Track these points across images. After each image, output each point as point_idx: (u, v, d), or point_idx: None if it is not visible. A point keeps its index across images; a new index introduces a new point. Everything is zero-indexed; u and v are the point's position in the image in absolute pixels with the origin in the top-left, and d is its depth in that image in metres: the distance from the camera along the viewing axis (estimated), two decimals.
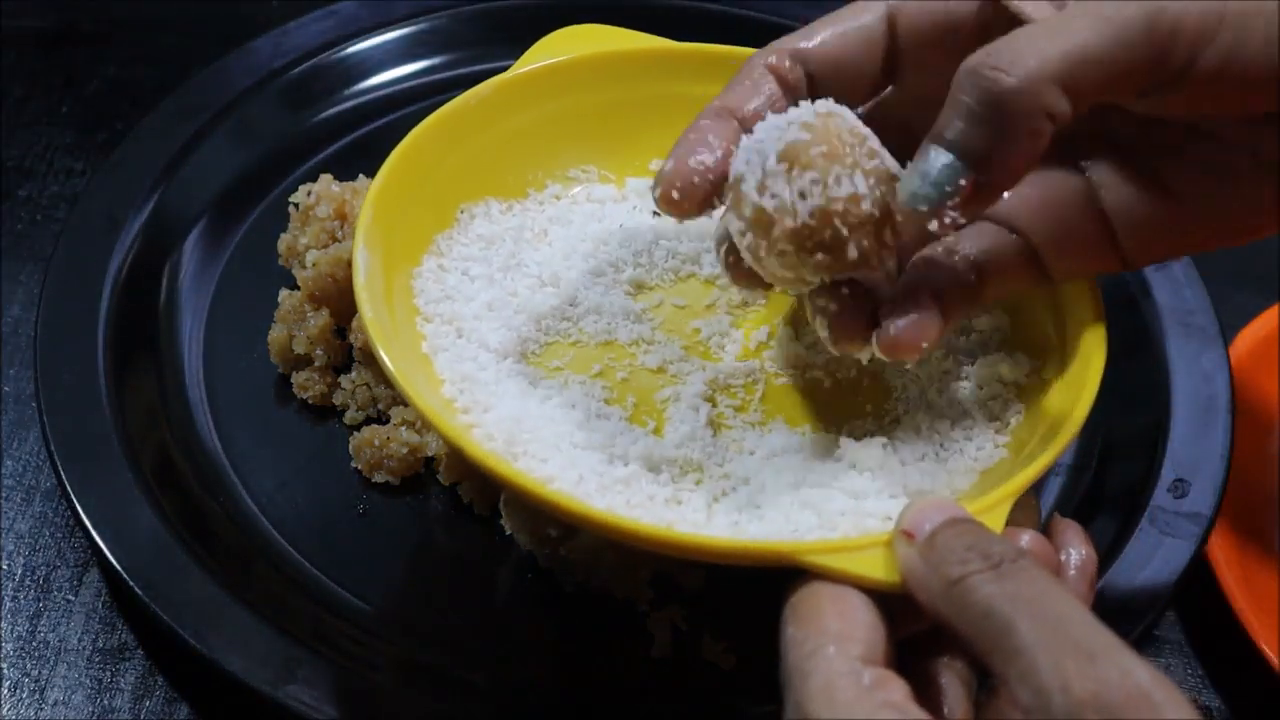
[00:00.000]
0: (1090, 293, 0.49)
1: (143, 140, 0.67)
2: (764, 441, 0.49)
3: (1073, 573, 0.43)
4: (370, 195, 0.50)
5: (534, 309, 0.52)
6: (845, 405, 0.51)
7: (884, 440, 0.48)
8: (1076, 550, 0.44)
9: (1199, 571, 0.56)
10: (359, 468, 0.58)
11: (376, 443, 0.58)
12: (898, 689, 0.37)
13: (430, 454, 0.57)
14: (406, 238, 0.52)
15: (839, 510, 0.45)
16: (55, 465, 0.55)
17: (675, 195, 0.45)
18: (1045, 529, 0.44)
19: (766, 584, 0.56)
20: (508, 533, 0.55)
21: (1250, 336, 0.65)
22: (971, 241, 0.47)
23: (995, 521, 0.42)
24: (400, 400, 0.59)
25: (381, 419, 0.60)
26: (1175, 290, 0.64)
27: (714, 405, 0.50)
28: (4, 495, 0.60)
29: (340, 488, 0.58)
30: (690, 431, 0.49)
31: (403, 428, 0.58)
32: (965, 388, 0.50)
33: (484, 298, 0.51)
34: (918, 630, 0.41)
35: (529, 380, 0.50)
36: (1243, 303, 0.68)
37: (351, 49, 0.72)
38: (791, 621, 0.40)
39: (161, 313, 0.63)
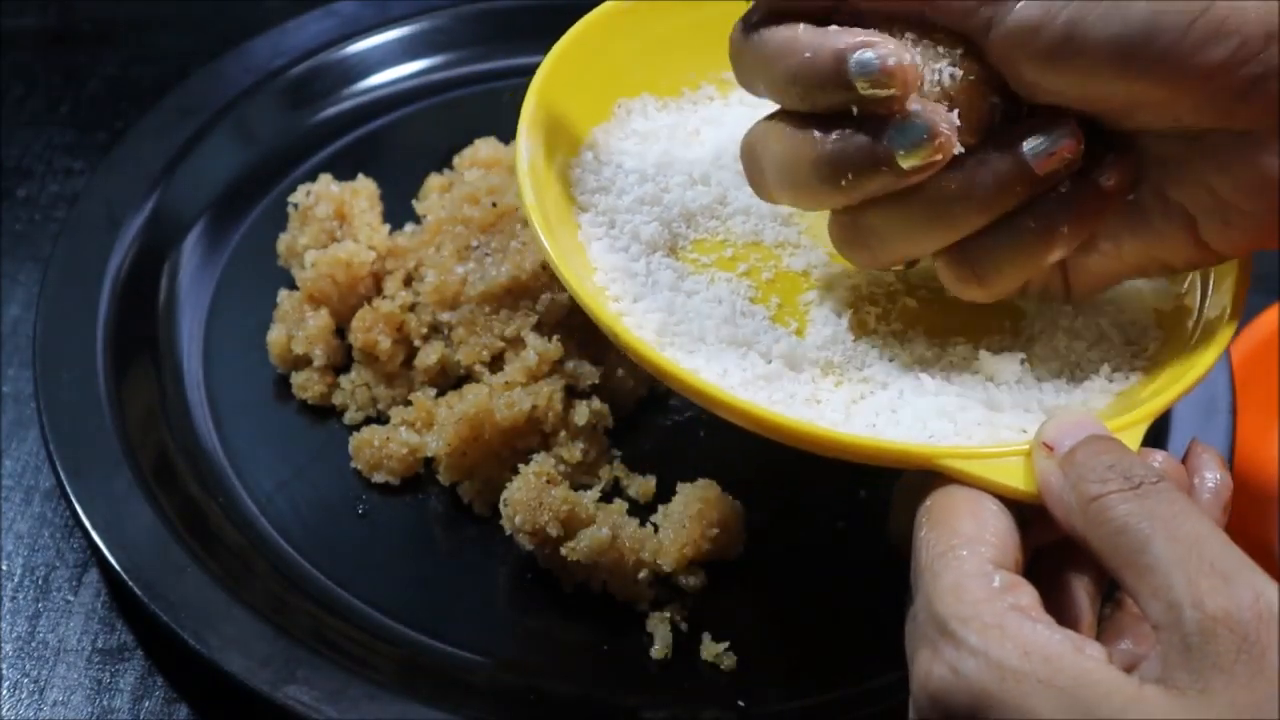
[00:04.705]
0: None
1: (142, 140, 0.67)
2: (904, 349, 0.49)
3: (1207, 496, 0.43)
4: (534, 85, 0.51)
5: (684, 206, 0.53)
6: (985, 320, 0.51)
7: (1021, 356, 0.48)
8: (1212, 474, 0.43)
9: None
10: (359, 468, 0.58)
11: (376, 443, 0.58)
12: (1027, 594, 0.37)
13: (430, 454, 0.57)
14: (566, 128, 0.53)
15: (975, 420, 0.45)
16: (55, 465, 0.55)
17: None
18: (1184, 454, 0.44)
19: (766, 584, 0.56)
20: (508, 533, 0.55)
21: (1250, 336, 0.65)
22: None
23: (1132, 441, 0.42)
24: (400, 400, 0.59)
25: (381, 419, 0.60)
26: None
27: (856, 311, 0.51)
28: (4, 495, 0.60)
29: (340, 488, 0.58)
30: (832, 334, 0.49)
31: (402, 428, 0.58)
32: (1106, 310, 0.50)
33: (636, 192, 0.52)
34: (1049, 541, 0.41)
35: (677, 274, 0.51)
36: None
37: (351, 49, 0.72)
38: (926, 524, 0.40)
39: (161, 313, 0.63)
